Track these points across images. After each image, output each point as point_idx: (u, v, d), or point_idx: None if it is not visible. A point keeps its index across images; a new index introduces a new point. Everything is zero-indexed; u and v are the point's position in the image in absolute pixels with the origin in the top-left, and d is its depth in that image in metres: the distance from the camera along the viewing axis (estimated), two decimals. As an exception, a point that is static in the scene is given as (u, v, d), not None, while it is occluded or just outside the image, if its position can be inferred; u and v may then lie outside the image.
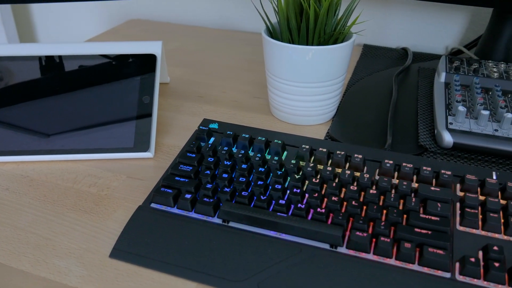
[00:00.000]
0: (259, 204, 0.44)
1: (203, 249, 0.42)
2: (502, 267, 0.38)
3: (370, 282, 0.38)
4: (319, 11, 0.55)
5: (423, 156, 0.56)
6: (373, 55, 0.87)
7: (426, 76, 0.75)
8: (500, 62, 0.71)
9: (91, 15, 1.14)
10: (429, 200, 0.44)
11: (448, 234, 0.41)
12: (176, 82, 0.75)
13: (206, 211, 0.44)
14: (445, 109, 0.60)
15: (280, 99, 0.61)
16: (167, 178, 0.48)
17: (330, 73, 0.58)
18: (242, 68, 0.81)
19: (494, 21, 0.74)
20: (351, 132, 0.60)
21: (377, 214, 0.43)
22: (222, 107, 0.68)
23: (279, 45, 0.57)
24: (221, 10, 1.02)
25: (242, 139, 0.52)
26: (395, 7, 0.89)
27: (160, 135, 0.61)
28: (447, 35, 0.89)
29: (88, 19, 1.15)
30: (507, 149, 0.53)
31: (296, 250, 0.41)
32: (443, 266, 0.39)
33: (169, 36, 0.96)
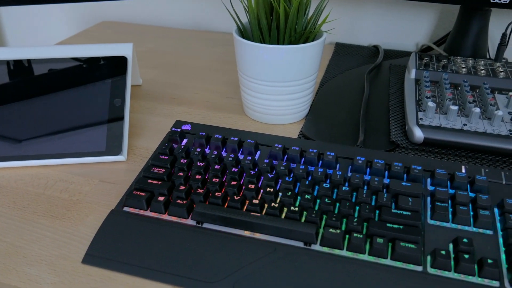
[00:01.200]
0: (232, 204, 0.44)
1: (177, 252, 0.41)
2: (471, 259, 0.39)
3: (344, 278, 0.39)
4: (289, 10, 0.56)
5: (395, 152, 0.57)
6: (345, 53, 0.87)
7: (397, 73, 0.76)
8: (468, 58, 0.72)
9: (62, 17, 1.13)
10: (401, 195, 0.44)
11: (419, 228, 0.42)
12: (149, 84, 0.75)
13: (179, 213, 0.44)
14: (416, 105, 0.61)
15: (253, 99, 0.62)
16: (140, 181, 0.47)
17: (302, 72, 0.58)
18: (215, 68, 0.81)
19: (462, 18, 0.75)
20: (324, 130, 0.61)
21: (349, 210, 0.43)
22: (195, 108, 0.68)
23: (250, 45, 0.57)
24: (194, 11, 1.02)
25: (215, 140, 0.52)
26: (366, 6, 0.90)
27: (133, 138, 0.60)
28: (417, 32, 0.90)
29: (58, 21, 1.14)
30: (476, 143, 0.54)
31: (271, 249, 0.41)
32: (414, 259, 0.39)
33: (141, 37, 0.95)
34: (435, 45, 0.84)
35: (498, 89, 0.65)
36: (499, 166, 0.54)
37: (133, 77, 0.72)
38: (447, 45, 0.79)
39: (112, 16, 1.08)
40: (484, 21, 0.74)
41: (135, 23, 1.06)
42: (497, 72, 0.68)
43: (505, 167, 0.54)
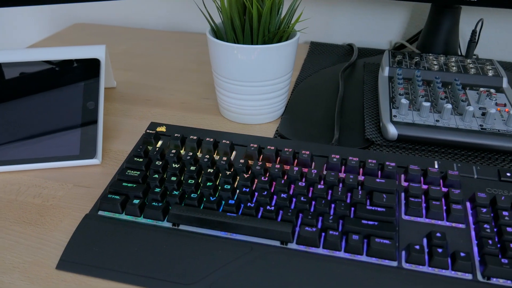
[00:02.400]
0: (208, 205, 0.44)
1: (153, 254, 0.41)
2: (445, 253, 0.39)
3: (320, 275, 0.39)
4: (262, 10, 0.56)
5: (370, 149, 0.57)
6: (320, 52, 0.88)
7: (371, 71, 0.77)
8: (440, 55, 0.73)
9: (33, 20, 1.11)
10: (375, 192, 0.45)
11: (393, 224, 0.42)
12: (123, 86, 0.74)
13: (155, 215, 0.44)
14: (389, 102, 0.61)
15: (228, 99, 0.61)
16: (114, 184, 0.47)
17: (276, 71, 0.58)
18: (191, 69, 0.81)
19: (433, 15, 0.77)
20: (300, 129, 0.61)
21: (325, 208, 0.43)
22: (170, 109, 0.67)
23: (224, 45, 0.57)
24: (169, 12, 1.01)
25: (190, 141, 0.52)
26: (340, 5, 0.91)
27: (108, 141, 0.60)
28: (390, 30, 0.91)
29: (30, 24, 1.12)
30: (448, 138, 0.55)
31: (247, 249, 0.41)
32: (389, 255, 0.40)
33: (115, 39, 0.94)
34: (408, 43, 0.85)
35: (469, 85, 0.66)
36: (471, 160, 0.55)
37: (107, 80, 0.71)
38: (419, 42, 0.80)
39: (85, 18, 1.07)
40: (454, 19, 0.75)
41: (109, 24, 1.05)
42: (468, 68, 0.69)
43: (476, 162, 0.55)
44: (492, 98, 0.62)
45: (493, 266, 0.38)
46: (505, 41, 0.87)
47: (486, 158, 0.56)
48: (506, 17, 0.84)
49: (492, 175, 0.48)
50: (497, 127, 0.56)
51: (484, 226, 0.42)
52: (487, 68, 0.69)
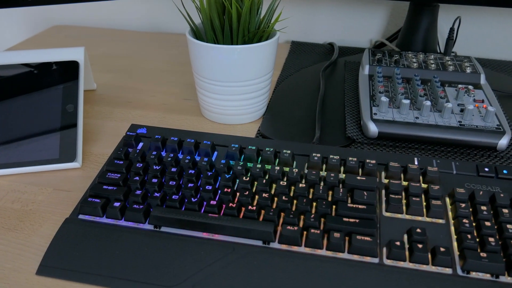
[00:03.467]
0: (190, 206, 0.44)
1: (135, 257, 0.41)
2: (425, 248, 0.40)
3: (302, 274, 0.39)
4: (241, 10, 0.56)
5: (351, 147, 0.58)
6: (301, 51, 0.88)
7: (352, 70, 0.77)
8: (419, 53, 0.74)
9: (11, 22, 1.09)
10: (356, 190, 0.45)
11: (374, 221, 0.42)
12: (103, 89, 0.73)
13: (136, 218, 0.44)
14: (370, 100, 0.62)
15: (210, 100, 0.61)
16: (95, 188, 0.46)
17: (257, 71, 0.58)
18: (172, 70, 0.80)
19: (411, 14, 0.77)
20: (282, 129, 0.61)
21: (306, 207, 0.44)
22: (151, 111, 0.67)
23: (203, 45, 0.57)
24: (149, 13, 1.01)
25: (171, 142, 0.51)
26: (320, 4, 0.91)
27: (88, 144, 0.59)
28: (370, 29, 0.92)
29: (7, 26, 1.10)
30: (427, 135, 0.56)
31: (229, 249, 0.41)
32: (371, 252, 0.40)
33: (95, 41, 0.94)
34: (388, 41, 0.86)
35: (448, 82, 0.67)
36: (450, 156, 0.56)
37: (86, 82, 0.70)
38: (399, 40, 0.81)
39: (64, 20, 1.06)
40: (432, 17, 0.76)
41: (89, 26, 1.04)
42: (447, 65, 0.70)
43: (455, 158, 0.56)
44: (470, 94, 0.63)
45: (472, 260, 0.39)
46: (482, 38, 0.88)
47: (465, 154, 0.56)
48: (483, 14, 0.86)
49: (470, 171, 0.49)
50: (475, 123, 0.57)
51: (463, 221, 0.42)
52: (465, 65, 0.70)
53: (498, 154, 0.56)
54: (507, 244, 0.40)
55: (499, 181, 0.48)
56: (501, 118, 0.58)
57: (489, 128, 0.56)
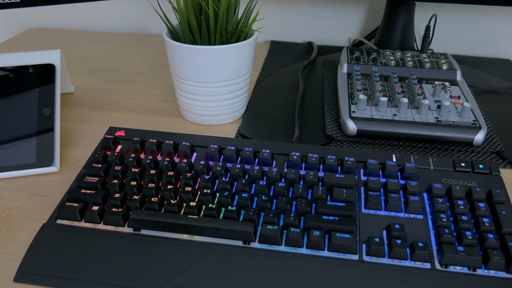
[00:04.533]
0: (169, 208, 0.44)
1: (114, 261, 0.40)
2: (403, 244, 0.40)
3: (283, 273, 0.39)
4: (218, 11, 0.56)
5: (331, 145, 0.58)
6: (281, 50, 0.88)
7: (330, 68, 0.78)
8: (396, 51, 0.75)
9: (-14, 27, 1.07)
10: (335, 187, 0.45)
11: (354, 218, 0.43)
12: (82, 91, 0.73)
13: (115, 221, 0.43)
14: (348, 98, 0.62)
15: (189, 101, 0.61)
16: (72, 192, 0.46)
17: (235, 71, 0.58)
18: (151, 72, 0.80)
19: (388, 12, 0.78)
20: (261, 128, 0.61)
21: (286, 206, 0.44)
22: (130, 113, 0.66)
23: (181, 46, 0.56)
24: (127, 14, 1.00)
25: (150, 144, 0.51)
26: (299, 3, 0.92)
27: (66, 148, 0.58)
28: (349, 27, 0.93)
29: (-17, 30, 1.08)
30: (405, 131, 0.57)
31: (210, 250, 0.41)
32: (350, 249, 0.40)
33: (73, 43, 0.92)
34: (366, 40, 0.86)
35: (425, 79, 0.68)
36: (428, 152, 0.57)
37: (64, 85, 0.70)
38: (376, 39, 0.81)
39: (41, 23, 1.04)
40: (409, 15, 0.77)
41: (66, 29, 1.03)
42: (424, 63, 0.71)
43: (433, 154, 0.56)
44: (447, 91, 0.64)
45: (449, 254, 0.39)
46: (458, 35, 0.89)
47: (443, 150, 0.57)
48: (459, 11, 0.87)
49: (447, 166, 0.49)
50: (452, 119, 0.58)
51: (440, 216, 0.43)
52: (442, 62, 0.71)
53: (474, 149, 0.57)
54: (483, 237, 0.40)
55: (476, 175, 0.48)
56: (477, 114, 0.59)
57: (465, 123, 0.57)
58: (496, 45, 0.89)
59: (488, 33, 0.89)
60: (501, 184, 0.47)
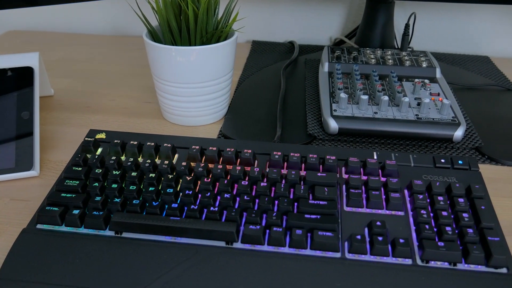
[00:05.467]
0: (151, 210, 0.43)
1: (96, 265, 0.40)
2: (385, 240, 0.40)
3: (266, 272, 0.39)
4: (198, 11, 0.55)
5: (313, 144, 0.58)
6: (262, 50, 0.89)
7: (312, 67, 0.78)
8: (376, 49, 0.75)
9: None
10: (317, 186, 0.46)
11: (336, 216, 0.43)
12: (62, 94, 0.72)
13: (96, 224, 0.43)
14: (330, 97, 0.63)
15: (170, 102, 0.61)
16: (52, 196, 0.45)
17: (216, 71, 0.58)
18: (132, 73, 0.79)
19: (368, 10, 0.79)
20: (244, 128, 0.61)
21: (268, 205, 0.44)
22: (111, 115, 0.66)
23: (161, 47, 0.56)
24: (107, 16, 0.99)
25: (131, 147, 0.51)
26: (280, 3, 0.92)
27: (46, 151, 0.58)
28: (330, 26, 0.93)
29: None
30: (386, 129, 0.57)
31: (192, 252, 0.41)
32: (333, 247, 0.41)
33: (52, 46, 0.91)
34: (347, 38, 0.87)
35: (405, 76, 0.68)
36: (409, 149, 0.57)
37: (43, 88, 0.69)
38: (357, 37, 0.82)
39: (19, 25, 1.03)
40: (389, 13, 0.77)
41: (45, 31, 1.01)
42: (404, 60, 0.71)
43: (414, 150, 0.57)
44: (427, 88, 0.65)
45: (430, 250, 0.39)
46: (437, 33, 0.90)
47: (423, 146, 0.58)
48: (438, 10, 0.88)
49: (427, 162, 0.50)
50: (432, 116, 0.58)
51: (421, 212, 0.43)
52: (421, 60, 0.71)
53: (454, 145, 0.58)
54: (463, 232, 0.41)
55: (455, 171, 0.49)
56: (456, 110, 0.59)
57: (445, 120, 0.57)
58: (475, 42, 0.91)
59: (467, 31, 0.90)
60: (480, 179, 0.48)
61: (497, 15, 0.88)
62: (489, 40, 0.90)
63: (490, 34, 0.90)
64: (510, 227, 0.47)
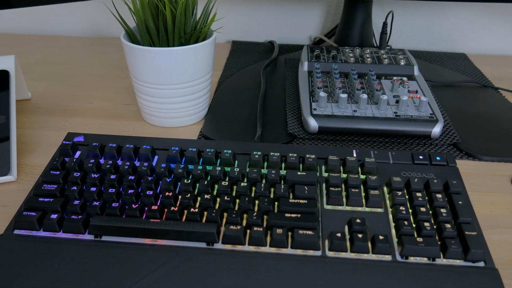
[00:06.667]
0: (130, 213, 0.43)
1: (75, 269, 0.40)
2: (365, 237, 0.41)
3: (247, 272, 0.39)
4: (175, 12, 0.55)
5: (293, 143, 0.59)
6: (242, 50, 0.89)
7: (292, 67, 0.78)
8: (355, 48, 0.76)
9: None
10: (297, 185, 0.46)
11: (316, 215, 0.43)
12: (39, 97, 0.71)
13: (75, 228, 0.42)
14: (309, 96, 0.63)
15: (149, 104, 0.60)
16: (30, 201, 0.45)
17: (195, 72, 0.58)
18: (111, 75, 0.78)
19: (347, 9, 0.79)
20: (224, 129, 0.61)
21: (249, 205, 0.44)
22: (90, 118, 0.65)
23: (139, 49, 0.56)
24: (85, 18, 0.98)
25: (109, 149, 0.50)
26: (259, 2, 0.92)
27: (24, 156, 0.57)
28: (309, 26, 0.94)
29: None
30: (365, 127, 0.58)
31: (173, 253, 0.41)
32: (313, 245, 0.41)
33: (29, 49, 0.90)
34: (326, 37, 0.87)
35: (384, 74, 0.69)
36: (388, 147, 0.58)
37: (19, 91, 0.68)
38: (336, 36, 0.82)
39: (-5, 28, 1.01)
40: (367, 12, 0.78)
41: (22, 33, 1.00)
42: (382, 59, 0.72)
43: (393, 148, 0.58)
44: (405, 86, 0.66)
45: (409, 246, 0.40)
46: (415, 30, 0.91)
47: (402, 143, 0.58)
48: (415, 8, 0.89)
49: (406, 159, 0.50)
50: (410, 113, 0.59)
51: (400, 208, 0.43)
52: (399, 58, 0.72)
53: (432, 141, 0.58)
54: (441, 228, 0.41)
55: (433, 167, 0.49)
56: (434, 107, 0.60)
57: (423, 117, 0.58)
58: (452, 40, 0.92)
59: (444, 29, 0.91)
60: (457, 175, 0.49)
61: (473, 12, 0.89)
62: (466, 38, 0.92)
63: (467, 32, 0.91)
64: (487, 221, 0.47)
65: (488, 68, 0.82)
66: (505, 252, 0.44)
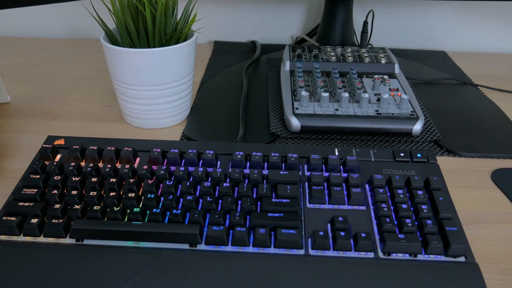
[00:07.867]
0: (112, 216, 0.43)
1: (57, 274, 0.39)
2: (347, 235, 0.41)
3: (230, 273, 0.39)
4: (155, 13, 0.55)
5: (276, 143, 0.59)
6: (224, 50, 0.88)
7: (274, 66, 0.78)
8: (337, 47, 0.76)
9: None
10: (279, 184, 0.46)
11: (298, 214, 0.43)
12: (19, 101, 0.70)
13: (56, 232, 0.42)
14: (291, 95, 0.63)
15: (131, 105, 0.60)
16: (9, 205, 0.44)
17: (176, 73, 0.58)
18: (92, 77, 0.78)
19: (328, 9, 0.80)
20: (206, 129, 0.61)
21: (231, 205, 0.44)
22: (71, 121, 0.64)
23: (119, 50, 0.55)
24: (65, 19, 0.97)
25: (90, 152, 0.50)
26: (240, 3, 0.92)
27: (3, 160, 0.56)
28: (291, 25, 0.94)
29: None
30: (347, 125, 0.58)
31: (155, 256, 0.40)
32: (296, 244, 0.41)
33: (7, 51, 0.89)
34: (308, 37, 0.88)
35: (365, 73, 0.70)
36: (370, 145, 0.58)
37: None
38: (318, 35, 0.83)
39: (-27, 31, 1.00)
40: (347, 11, 0.78)
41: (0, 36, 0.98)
42: (363, 57, 0.72)
43: (375, 145, 0.58)
44: (386, 84, 0.66)
45: (391, 242, 0.40)
46: (395, 29, 0.92)
47: (384, 141, 0.59)
48: (395, 6, 0.90)
49: (387, 157, 0.51)
50: (391, 111, 0.59)
51: (382, 205, 0.44)
52: (380, 56, 0.73)
53: (413, 139, 0.59)
54: (422, 224, 0.42)
55: (414, 164, 0.50)
56: (415, 105, 0.61)
57: (404, 115, 0.59)
58: (432, 38, 0.93)
59: (424, 27, 0.92)
60: (438, 171, 0.49)
61: (452, 10, 0.90)
62: (446, 35, 0.93)
63: (447, 30, 0.92)
64: (467, 216, 0.48)
65: (468, 65, 0.84)
66: (485, 247, 0.44)
